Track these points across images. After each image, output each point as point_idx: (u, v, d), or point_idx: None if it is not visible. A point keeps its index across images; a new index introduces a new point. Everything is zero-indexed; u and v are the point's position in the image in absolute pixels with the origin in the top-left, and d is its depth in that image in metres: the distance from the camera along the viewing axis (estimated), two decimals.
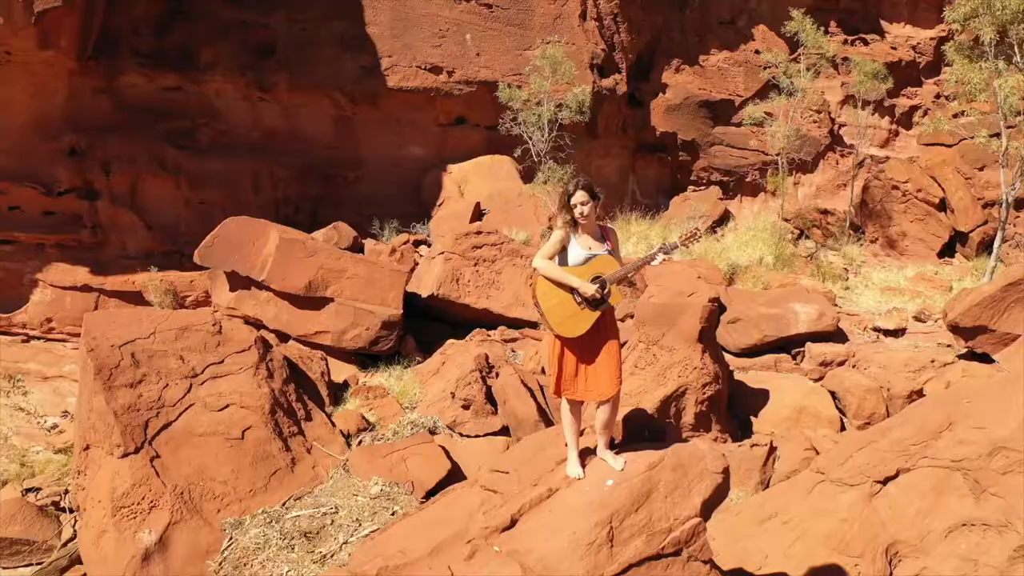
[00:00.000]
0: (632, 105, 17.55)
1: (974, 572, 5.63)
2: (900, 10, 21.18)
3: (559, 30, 15.55)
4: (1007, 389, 6.35)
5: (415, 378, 10.26)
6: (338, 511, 7.15)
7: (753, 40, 19.02)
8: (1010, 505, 5.60)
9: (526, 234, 13.09)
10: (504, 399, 8.75)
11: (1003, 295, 9.82)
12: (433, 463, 8.17)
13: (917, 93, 21.07)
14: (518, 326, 11.53)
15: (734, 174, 18.91)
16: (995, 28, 12.27)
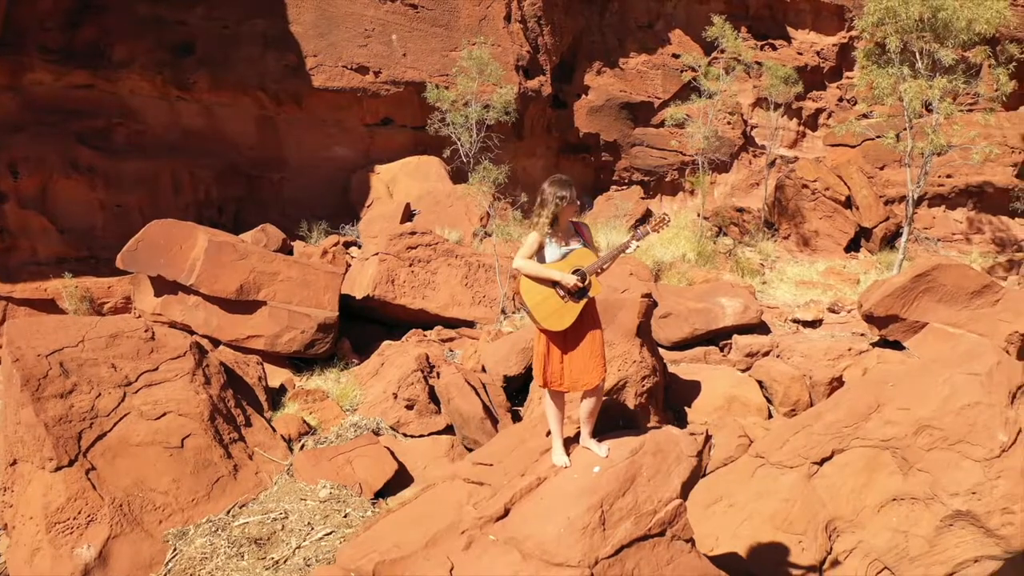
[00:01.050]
0: (556, 106, 17.85)
1: (905, 543, 6.04)
2: (804, 18, 22.18)
3: (484, 31, 15.65)
4: (927, 373, 6.82)
5: (354, 380, 10.17)
6: (288, 516, 7.05)
7: (670, 44, 19.61)
8: (935, 479, 6.03)
9: (458, 234, 13.16)
10: (448, 398, 8.78)
11: (912, 286, 10.48)
12: (379, 464, 8.16)
13: (822, 96, 22.16)
14: (454, 326, 11.58)
15: (654, 174, 19.46)
16: (899, 36, 13.09)
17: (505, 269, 11.79)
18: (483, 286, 11.73)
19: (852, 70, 22.94)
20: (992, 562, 5.79)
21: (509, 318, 11.54)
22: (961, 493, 5.83)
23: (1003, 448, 5.95)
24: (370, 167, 15.37)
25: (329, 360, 11.01)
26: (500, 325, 11.35)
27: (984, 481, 5.83)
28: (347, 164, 15.44)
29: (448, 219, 13.60)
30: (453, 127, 13.90)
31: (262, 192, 15.01)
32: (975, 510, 5.73)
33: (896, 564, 5.96)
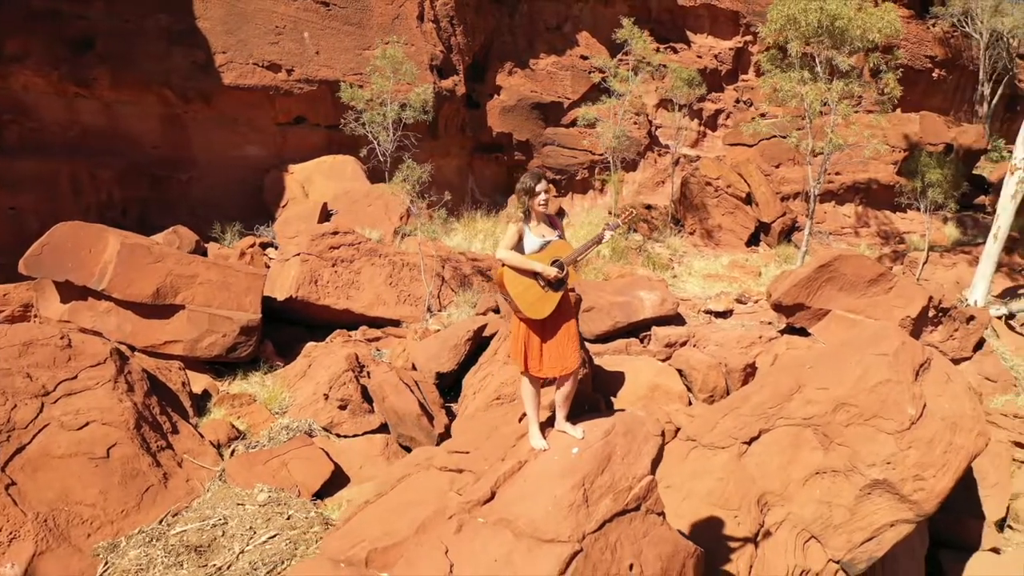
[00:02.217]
0: (470, 106, 17.97)
1: (829, 512, 6.49)
2: (702, 22, 23.16)
3: (398, 31, 15.60)
4: (841, 355, 7.34)
5: (281, 383, 9.99)
6: (228, 522, 6.90)
7: (578, 45, 20.08)
8: (854, 452, 6.51)
9: (379, 233, 13.10)
10: (382, 396, 8.78)
11: (816, 276, 11.17)
12: (315, 465, 8.08)
13: (720, 98, 23.19)
14: (380, 325, 11.53)
15: (566, 173, 19.88)
16: (801, 42, 13.91)
17: (429, 268, 11.84)
18: (408, 285, 11.72)
19: (748, 73, 24.13)
20: (906, 525, 6.31)
21: (435, 316, 11.59)
22: (877, 464, 6.31)
23: (912, 421, 6.49)
24: (283, 167, 15.06)
25: (252, 363, 10.75)
26: (427, 323, 11.38)
27: (897, 452, 6.34)
28: (259, 163, 15.08)
29: (367, 218, 13.50)
30: (370, 126, 13.81)
31: (169, 193, 14.46)
32: (890, 479, 6.23)
33: (822, 532, 6.41)
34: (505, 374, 8.92)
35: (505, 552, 3.24)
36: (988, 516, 8.65)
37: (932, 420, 6.57)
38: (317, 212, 13.60)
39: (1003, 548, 8.65)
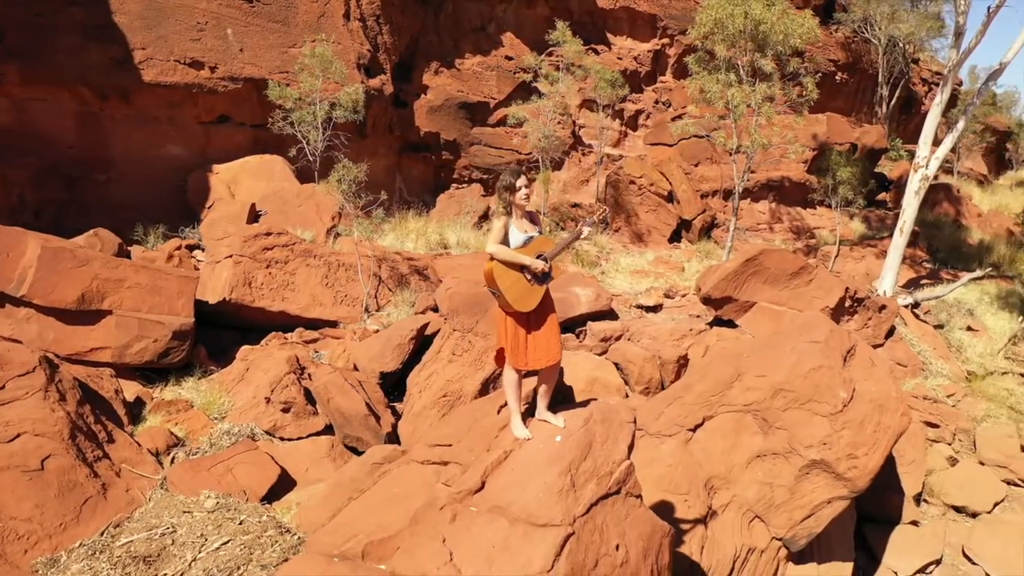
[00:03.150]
0: (397, 106, 17.88)
1: (771, 493, 6.84)
2: (622, 25, 23.69)
3: (324, 29, 15.40)
4: (776, 343, 7.72)
5: (218, 387, 9.76)
6: (176, 530, 6.73)
7: (503, 46, 20.25)
8: (792, 435, 6.87)
9: (311, 234, 12.93)
10: (327, 398, 8.71)
11: (742, 270, 11.65)
12: (261, 469, 7.98)
13: (640, 99, 23.78)
14: (317, 326, 11.39)
15: (493, 172, 20.01)
16: (727, 45, 14.46)
17: (366, 268, 11.77)
18: (344, 285, 11.62)
19: (666, 74, 24.84)
20: (842, 502, 6.71)
21: (374, 316, 11.53)
22: (814, 445, 6.69)
23: (844, 403, 6.90)
24: (208, 167, 14.65)
25: (184, 369, 10.45)
26: (365, 324, 11.31)
27: (832, 433, 6.73)
28: (182, 163, 14.62)
29: (299, 219, 13.28)
30: (299, 125, 13.62)
31: (86, 194, 13.86)
32: (827, 458, 6.61)
33: (765, 512, 6.75)
34: (451, 372, 9.01)
35: (502, 538, 3.34)
36: (907, 492, 9.24)
37: (861, 402, 6.99)
38: (246, 213, 13.30)
39: (920, 521, 9.26)
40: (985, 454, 10.90)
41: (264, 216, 13.68)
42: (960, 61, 14.38)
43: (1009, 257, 21.96)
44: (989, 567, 8.61)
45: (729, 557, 6.26)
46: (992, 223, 25.71)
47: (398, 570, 3.23)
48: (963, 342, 15.57)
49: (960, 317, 16.35)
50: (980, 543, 8.83)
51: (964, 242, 23.75)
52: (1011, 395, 13.99)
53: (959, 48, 14.16)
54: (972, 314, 16.85)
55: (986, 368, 14.79)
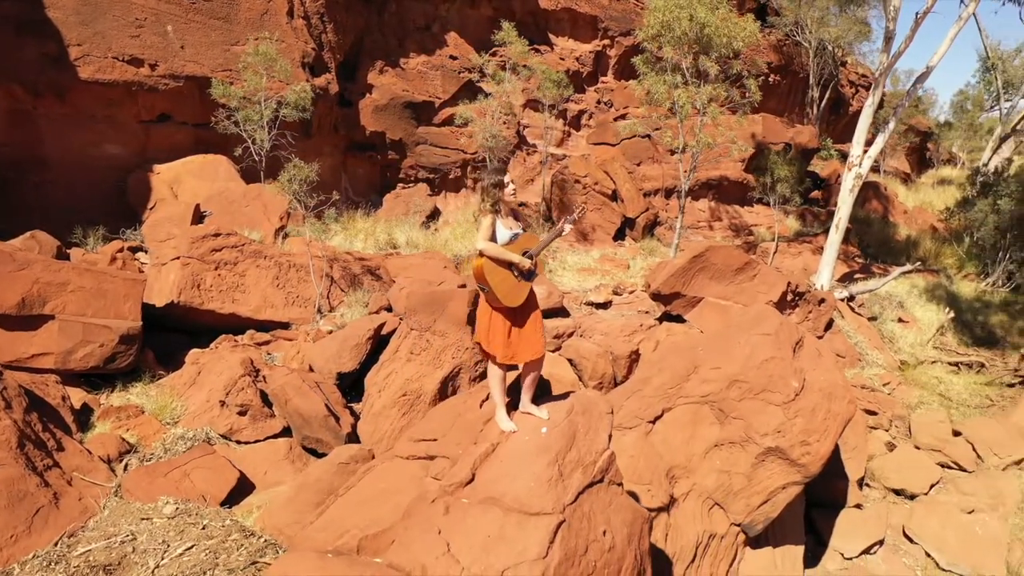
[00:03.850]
0: (342, 105, 17.72)
1: (729, 481, 7.07)
2: (563, 26, 23.95)
3: (267, 26, 15.16)
4: (730, 336, 7.96)
5: (169, 392, 9.54)
6: (136, 537, 6.59)
7: (447, 46, 20.25)
8: (748, 424, 7.11)
9: (259, 234, 12.74)
10: (285, 399, 8.62)
11: (690, 266, 11.95)
12: (220, 474, 7.87)
13: (583, 99, 24.07)
14: (268, 328, 11.24)
15: (439, 171, 20.02)
16: (673, 47, 14.79)
17: (318, 268, 11.66)
18: (296, 286, 11.49)
19: (607, 75, 25.21)
20: (796, 487, 6.98)
21: (327, 317, 11.43)
22: (769, 433, 6.94)
23: (796, 393, 7.17)
24: (148, 167, 14.25)
25: (131, 374, 10.19)
26: (318, 324, 11.21)
27: (785, 421, 6.99)
28: (121, 164, 14.18)
29: (245, 219, 13.06)
30: (245, 124, 13.39)
31: (19, 195, 13.34)
32: (781, 445, 6.86)
33: (724, 499, 6.98)
34: (409, 371, 9.01)
35: (497, 527, 3.41)
36: (850, 476, 9.64)
37: (812, 391, 7.28)
38: (190, 214, 13.00)
39: (864, 504, 9.67)
40: (920, 439, 11.43)
41: (209, 217, 13.41)
42: (891, 64, 15.03)
43: (935, 252, 23.01)
44: (928, 546, 9.06)
45: (692, 543, 6.46)
46: (917, 219, 26.87)
47: (396, 562, 3.27)
48: (895, 333, 16.28)
49: (892, 309, 17.08)
50: (919, 523, 9.27)
51: (892, 238, 24.78)
52: (940, 383, 14.70)
53: (889, 52, 14.80)
54: (903, 306, 17.62)
55: (917, 358, 15.50)
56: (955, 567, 8.73)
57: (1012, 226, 20.38)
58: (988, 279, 21.10)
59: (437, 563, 3.22)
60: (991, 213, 20.89)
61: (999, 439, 11.36)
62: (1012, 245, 20.51)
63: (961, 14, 14.25)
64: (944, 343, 16.99)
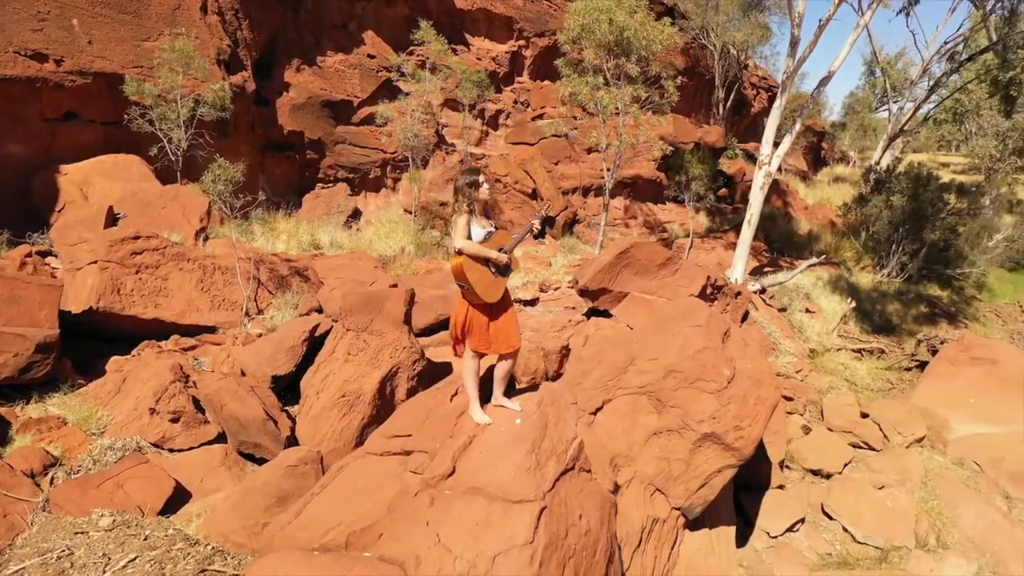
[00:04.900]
0: (259, 104, 17.31)
1: (668, 466, 7.36)
2: (479, 26, 24.11)
3: (180, 22, 14.67)
4: (662, 329, 8.28)
5: (93, 401, 9.17)
6: (73, 552, 6.35)
7: (365, 44, 20.07)
8: (685, 412, 7.43)
9: (178, 237, 12.34)
10: (220, 404, 8.43)
11: (616, 262, 12.30)
12: (155, 483, 7.66)
13: (500, 99, 24.27)
14: (193, 333, 10.92)
15: (359, 171, 19.81)
16: (594, 50, 15.13)
17: (245, 270, 11.41)
18: (221, 289, 11.20)
19: (523, 75, 25.51)
20: (731, 470, 7.34)
21: (255, 320, 11.20)
22: (705, 420, 7.27)
23: (728, 380, 7.54)
24: (55, 167, 13.55)
25: (48, 384, 9.72)
26: (247, 328, 10.98)
27: (720, 408, 7.34)
28: (23, 163, 13.41)
29: (163, 221, 12.61)
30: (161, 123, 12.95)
31: None
32: (717, 431, 7.21)
33: (664, 485, 7.27)
34: (347, 372, 8.97)
35: (484, 516, 3.50)
36: (773, 459, 10.16)
37: (742, 379, 7.66)
38: (103, 216, 12.45)
39: (785, 484, 10.22)
40: (832, 422, 12.14)
41: (123, 219, 12.89)
42: (796, 68, 15.84)
43: (835, 245, 24.34)
44: (845, 521, 9.65)
45: (637, 528, 6.71)
46: (817, 215, 28.33)
47: (387, 555, 3.32)
48: (803, 323, 17.17)
49: (799, 301, 18.00)
50: (836, 500, 9.86)
51: (795, 233, 26.05)
52: (846, 368, 15.62)
53: (795, 56, 15.60)
54: (809, 297, 18.60)
55: (824, 345, 16.41)
56: (870, 539, 9.33)
57: (904, 220, 21.78)
58: (884, 270, 22.48)
59: (430, 553, 3.30)
60: (885, 209, 22.26)
61: (902, 419, 12.16)
62: (904, 238, 21.92)
63: (859, 22, 15.18)
64: (847, 331, 18.03)
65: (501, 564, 3.23)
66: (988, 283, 23.92)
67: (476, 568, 3.21)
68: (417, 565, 3.24)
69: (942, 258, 22.43)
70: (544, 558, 3.36)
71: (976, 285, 23.42)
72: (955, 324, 20.20)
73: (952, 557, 9.09)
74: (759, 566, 8.91)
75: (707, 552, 7.48)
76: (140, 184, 13.49)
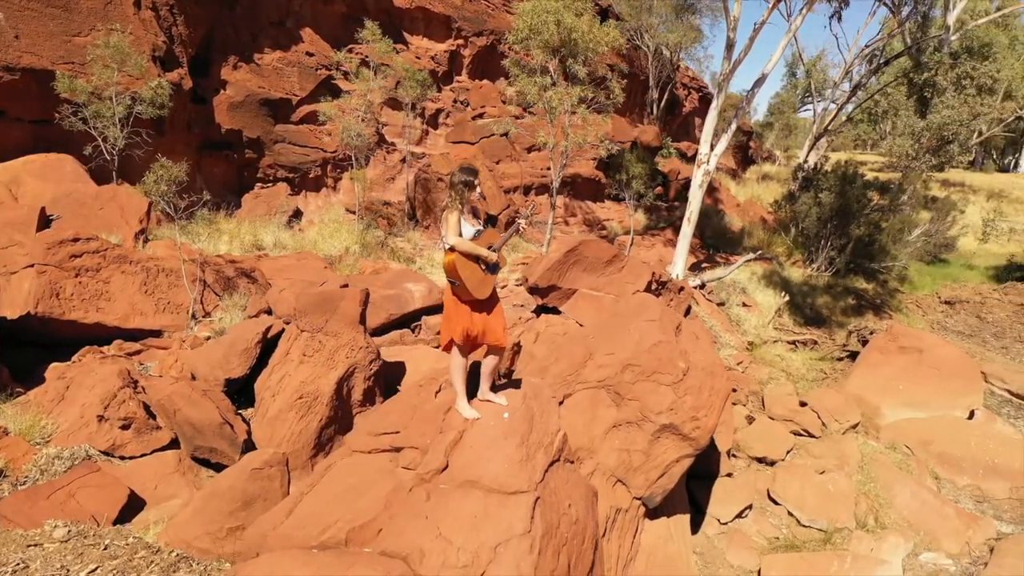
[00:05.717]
0: (196, 102, 16.88)
1: (629, 458, 7.56)
2: (418, 24, 24.00)
3: (112, 17, 14.20)
4: (620, 324, 8.48)
5: (35, 410, 8.85)
6: (28, 565, 6.14)
7: (303, 42, 19.77)
8: (643, 404, 7.63)
9: (117, 238, 11.98)
10: (174, 409, 8.26)
11: (565, 259, 12.47)
12: (109, 492, 7.47)
13: (439, 98, 24.23)
14: (137, 337, 10.63)
15: (299, 171, 19.51)
16: (542, 51, 15.28)
17: (190, 272, 11.16)
18: (166, 292, 10.92)
19: (462, 75, 25.52)
20: (688, 459, 7.58)
21: (201, 323, 10.96)
22: (663, 411, 7.49)
23: (684, 373, 7.78)
24: None
25: None
26: (194, 331, 10.74)
27: (676, 399, 7.57)
28: None
29: (100, 223, 12.19)
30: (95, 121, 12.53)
31: None
32: (674, 422, 7.43)
33: (625, 475, 7.46)
34: (303, 373, 8.89)
35: (481, 508, 3.57)
36: (721, 449, 10.50)
37: (697, 371, 7.92)
38: (35, 218, 11.96)
39: (733, 472, 10.58)
40: (773, 411, 12.60)
41: (57, 221, 12.42)
42: (733, 69, 16.33)
43: (767, 241, 25.15)
44: (790, 505, 10.06)
45: (602, 519, 6.86)
46: (749, 212, 29.21)
47: (390, 550, 3.35)
48: (741, 317, 17.72)
49: (736, 295, 18.57)
50: (781, 486, 10.27)
51: (728, 229, 26.81)
52: (782, 360, 16.20)
53: (731, 59, 16.09)
54: (745, 292, 19.20)
55: (761, 338, 16.98)
56: (814, 522, 9.75)
57: (832, 217, 22.68)
58: (813, 265, 23.37)
59: (433, 545, 3.35)
60: (814, 206, 23.13)
61: (838, 407, 12.72)
62: (832, 234, 22.83)
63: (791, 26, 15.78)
64: (782, 324, 18.69)
65: (502, 554, 3.32)
66: (909, 276, 25.11)
67: (479, 558, 3.28)
68: (421, 558, 3.29)
69: (867, 252, 23.43)
70: (542, 547, 3.46)
71: (898, 278, 24.56)
72: (880, 315, 21.15)
73: (890, 536, 9.57)
74: (712, 552, 9.22)
75: (666, 540, 7.71)
76: (74, 184, 13.00)
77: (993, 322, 21.97)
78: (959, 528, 10.00)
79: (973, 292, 24.31)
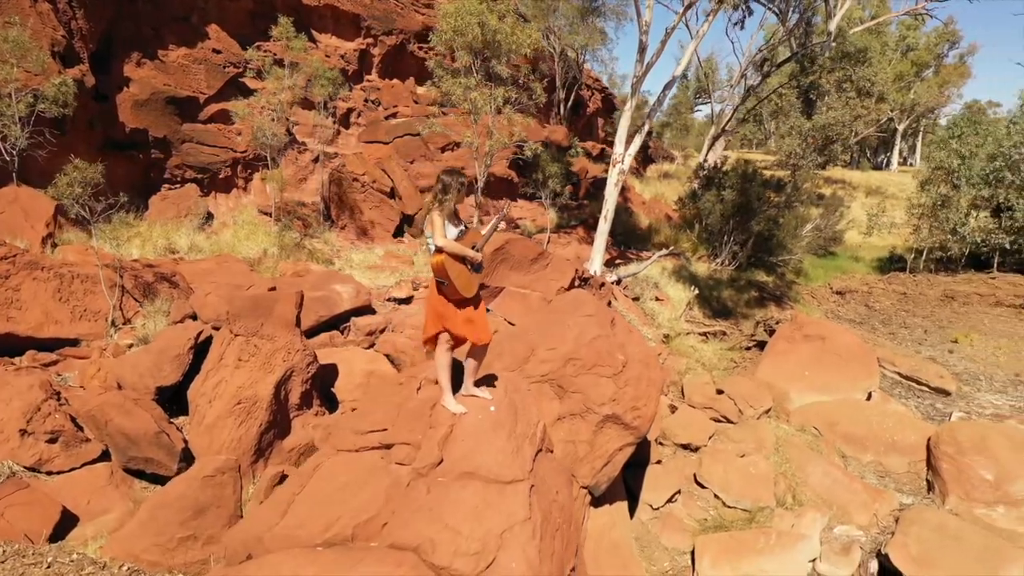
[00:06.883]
0: (98, 99, 16.11)
1: (574, 449, 7.80)
2: (326, 23, 23.67)
3: (6, 10, 13.40)
4: (559, 320, 8.73)
5: None
6: None
7: (209, 39, 19.17)
8: (586, 396, 7.90)
9: (23, 244, 11.39)
10: (106, 420, 7.96)
11: (493, 258, 12.66)
12: (40, 509, 7.18)
13: (351, 97, 23.97)
14: (52, 347, 10.14)
15: (208, 171, 18.93)
16: (466, 52, 15.38)
17: (108, 278, 10.72)
18: (82, 299, 10.45)
19: (372, 74, 25.31)
20: (630, 447, 7.90)
21: (122, 330, 10.55)
22: (606, 403, 7.78)
23: (623, 365, 8.10)
24: None
25: None
26: (114, 339, 10.33)
27: (617, 390, 7.87)
28: None
29: (3, 227, 11.55)
30: None
31: None
32: (617, 412, 7.74)
33: (572, 466, 7.69)
34: (240, 378, 8.73)
35: (482, 498, 3.68)
36: (650, 438, 10.94)
37: (634, 362, 8.26)
38: None
39: (662, 460, 11.03)
40: (693, 399, 13.17)
41: None
42: (645, 72, 16.92)
43: (673, 238, 26.12)
44: (715, 488, 10.58)
45: None
46: (654, 209, 30.22)
47: (398, 542, 3.43)
48: (655, 311, 18.39)
49: (650, 290, 19.25)
50: (707, 471, 10.78)
51: (637, 226, 27.68)
52: (696, 351, 16.93)
53: (643, 62, 16.67)
54: (658, 287, 19.92)
55: (675, 330, 17.67)
56: (739, 503, 10.30)
57: (734, 214, 23.80)
58: (717, 260, 24.44)
59: (442, 536, 3.45)
60: (717, 203, 24.19)
61: (752, 394, 13.42)
62: (735, 230, 23.95)
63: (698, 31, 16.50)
64: (693, 317, 19.51)
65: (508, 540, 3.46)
66: (804, 268, 26.63)
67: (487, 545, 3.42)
68: (432, 548, 3.40)
69: (766, 247, 24.71)
70: (543, 532, 3.62)
71: (794, 271, 26.01)
72: (781, 306, 22.37)
73: (808, 512, 10.22)
74: (647, 536, 9.62)
75: (610, 526, 8.01)
76: None
77: (880, 310, 23.61)
78: (867, 502, 10.77)
79: (860, 283, 26.03)
